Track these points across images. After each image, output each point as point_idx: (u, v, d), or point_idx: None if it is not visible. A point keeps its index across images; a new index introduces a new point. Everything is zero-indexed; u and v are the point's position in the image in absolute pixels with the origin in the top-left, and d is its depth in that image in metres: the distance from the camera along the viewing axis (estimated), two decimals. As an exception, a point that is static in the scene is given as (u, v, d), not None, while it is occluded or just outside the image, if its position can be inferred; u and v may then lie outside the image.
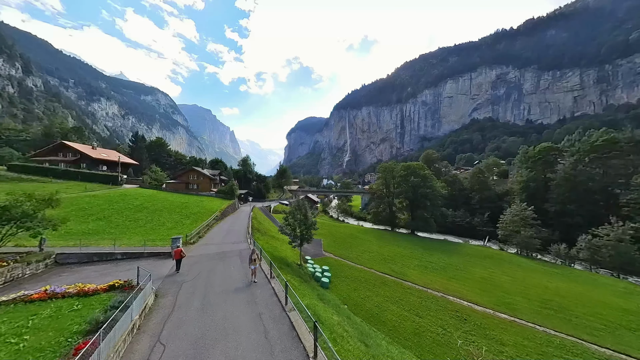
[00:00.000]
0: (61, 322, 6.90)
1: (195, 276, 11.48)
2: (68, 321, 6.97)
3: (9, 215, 10.47)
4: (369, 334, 12.10)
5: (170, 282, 10.77)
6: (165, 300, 9.01)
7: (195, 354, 6.11)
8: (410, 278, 23.73)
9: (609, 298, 21.53)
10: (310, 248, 29.58)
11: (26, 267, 10.48)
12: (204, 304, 8.82)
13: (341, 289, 19.94)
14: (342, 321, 11.16)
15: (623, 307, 19.83)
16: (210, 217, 25.54)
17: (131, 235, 16.61)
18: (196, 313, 8.18)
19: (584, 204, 37.38)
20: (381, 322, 15.60)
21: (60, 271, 11.23)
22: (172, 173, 62.40)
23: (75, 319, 7.01)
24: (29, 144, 62.81)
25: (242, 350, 6.29)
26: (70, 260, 12.00)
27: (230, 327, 7.38)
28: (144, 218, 21.11)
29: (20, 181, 27.00)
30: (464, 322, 16.55)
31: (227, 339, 6.74)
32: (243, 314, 8.17)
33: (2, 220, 10.44)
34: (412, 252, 33.15)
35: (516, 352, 13.57)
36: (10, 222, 10.66)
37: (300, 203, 20.48)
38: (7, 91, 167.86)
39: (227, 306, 8.75)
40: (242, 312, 8.33)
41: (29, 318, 7.03)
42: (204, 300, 9.13)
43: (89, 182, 32.38)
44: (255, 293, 9.90)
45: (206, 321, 7.66)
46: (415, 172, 47.86)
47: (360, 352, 8.57)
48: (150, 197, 29.75)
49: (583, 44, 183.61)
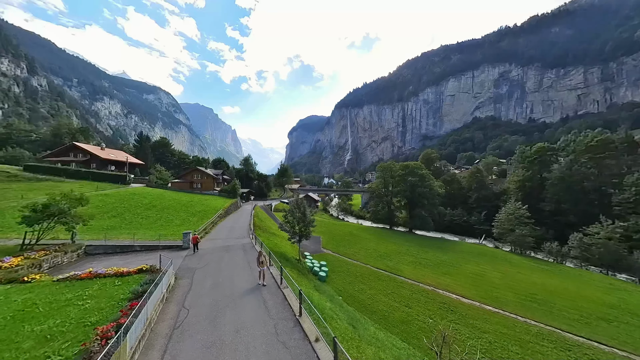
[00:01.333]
0: (109, 293, 9.03)
1: (206, 264, 13.37)
2: (114, 292, 9.06)
3: (49, 211, 12.37)
4: (358, 319, 13.43)
5: (185, 268, 12.62)
6: (184, 281, 11.00)
7: (212, 315, 8.05)
8: (403, 273, 24.99)
9: (592, 293, 22.61)
10: (310, 245, 30.95)
11: (64, 256, 12.56)
12: (214, 283, 10.83)
13: (337, 282, 21.30)
14: (334, 307, 12.51)
15: (604, 300, 20.92)
16: (215, 215, 26.99)
17: (144, 231, 18.20)
18: (209, 289, 10.19)
19: (578, 204, 38.20)
20: (372, 311, 16.93)
21: (91, 260, 13.12)
22: (176, 172, 64.15)
23: (119, 291, 9.10)
24: (38, 144, 64.92)
25: (247, 312, 8.22)
26: (97, 251, 13.89)
27: (237, 298, 9.37)
28: (154, 215, 22.63)
29: (36, 181, 28.68)
30: (450, 312, 17.81)
31: (235, 306, 8.74)
32: (246, 290, 10.10)
33: (44, 216, 12.29)
34: (407, 249, 34.37)
35: (495, 338, 14.82)
36: (50, 218, 12.58)
37: (299, 202, 21.79)
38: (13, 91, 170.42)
39: (234, 285, 10.71)
40: (246, 289, 10.29)
41: (84, 290, 9.20)
42: (214, 281, 11.11)
43: (99, 181, 34.04)
44: (256, 275, 11.45)
45: (217, 294, 9.62)
46: (413, 171, 48.89)
47: (347, 332, 9.88)
48: (157, 196, 31.31)
49: (587, 42, 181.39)
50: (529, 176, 45.43)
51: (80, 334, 6.50)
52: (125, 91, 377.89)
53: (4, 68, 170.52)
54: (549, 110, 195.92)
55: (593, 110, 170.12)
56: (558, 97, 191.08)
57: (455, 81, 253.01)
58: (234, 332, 7.05)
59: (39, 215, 12.25)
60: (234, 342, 6.61)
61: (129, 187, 35.01)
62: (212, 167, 73.45)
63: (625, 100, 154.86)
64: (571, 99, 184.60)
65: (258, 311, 8.26)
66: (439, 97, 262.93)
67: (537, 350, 13.96)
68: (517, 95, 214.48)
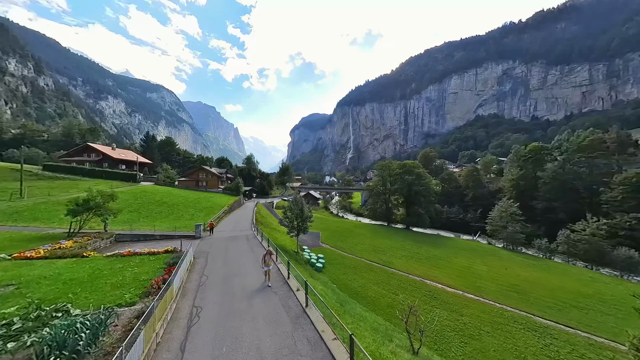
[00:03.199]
0: (148, 264, 12.10)
1: (217, 249, 16.31)
2: (151, 264, 12.15)
3: (88, 205, 15.24)
4: (347, 302, 15.35)
5: (200, 251, 15.60)
6: (200, 260, 14.03)
7: (225, 280, 11.24)
8: (395, 266, 26.83)
9: (572, 284, 24.19)
10: (309, 240, 32.93)
11: (101, 241, 15.68)
12: (224, 262, 13.88)
13: (332, 272, 23.24)
14: (325, 289, 14.43)
15: (581, 291, 22.52)
16: (220, 211, 29.08)
17: (160, 224, 20.49)
18: (221, 265, 13.36)
19: (568, 202, 39.43)
20: (362, 297, 18.84)
21: (121, 245, 16.05)
22: (181, 171, 66.58)
23: (154, 263, 12.23)
24: (51, 144, 67.83)
25: (249, 280, 11.09)
26: (125, 239, 16.78)
27: (242, 270, 12.50)
28: (166, 211, 24.80)
29: (55, 179, 31.06)
30: (434, 299, 19.64)
31: (240, 275, 11.95)
32: (249, 267, 13.04)
33: (85, 209, 15.13)
34: (402, 245, 36.13)
35: (470, 320, 16.62)
36: (89, 210, 15.55)
37: (297, 199, 23.66)
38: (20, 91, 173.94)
39: (239, 263, 13.72)
40: (249, 266, 13.18)
41: (129, 262, 12.29)
42: (224, 260, 14.16)
43: (111, 180, 36.37)
44: (258, 258, 13.88)
45: (227, 269, 12.72)
46: (410, 170, 50.40)
47: (334, 306, 11.79)
48: (166, 193, 33.53)
49: (594, 37, 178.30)
50: (522, 175, 46.63)
51: (137, 285, 9.54)
52: (129, 90, 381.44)
53: (12, 68, 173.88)
54: (553, 107, 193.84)
55: (598, 108, 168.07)
56: (562, 94, 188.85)
57: (458, 78, 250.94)
58: (241, 288, 10.14)
59: (81, 209, 15.07)
60: (241, 292, 9.73)
61: (139, 185, 37.29)
62: (217, 166, 75.81)
63: (631, 97, 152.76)
64: (576, 96, 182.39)
65: (257, 277, 11.29)
66: (442, 94, 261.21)
67: (506, 330, 15.74)
68: (520, 93, 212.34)
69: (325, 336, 6.60)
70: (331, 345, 6.23)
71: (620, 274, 28.24)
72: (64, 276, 10.12)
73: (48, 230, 16.61)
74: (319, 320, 7.41)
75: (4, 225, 17.08)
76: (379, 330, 11.73)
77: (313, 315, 7.69)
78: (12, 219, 17.88)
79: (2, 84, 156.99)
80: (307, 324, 7.30)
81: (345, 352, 5.86)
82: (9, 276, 9.64)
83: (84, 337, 5.30)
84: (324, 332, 6.77)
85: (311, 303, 8.34)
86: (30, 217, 18.34)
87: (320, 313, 7.83)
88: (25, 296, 7.68)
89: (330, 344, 6.25)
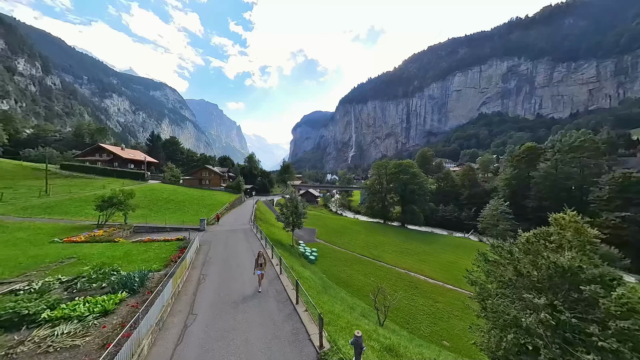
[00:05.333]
0: (165, 248, 14.81)
1: (218, 239, 19.09)
2: (167, 248, 14.89)
3: (112, 202, 18.35)
4: (333, 287, 17.39)
5: (204, 241, 18.28)
6: (205, 246, 16.84)
7: (224, 260, 14.06)
8: (384, 259, 28.74)
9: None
10: (305, 235, 34.99)
11: (123, 232, 18.85)
12: (224, 247, 16.82)
13: (323, 264, 25.27)
14: (313, 276, 16.47)
15: (556, 284, 24.10)
16: (222, 208, 31.34)
17: (168, 218, 22.86)
18: (221, 250, 16.19)
19: (558, 201, 40.48)
20: (349, 285, 20.86)
21: (139, 235, 19.08)
22: (185, 169, 69.31)
23: (169, 247, 14.92)
24: (63, 144, 71.18)
25: (243, 260, 13.72)
26: (141, 230, 19.98)
27: (239, 254, 15.36)
28: (173, 207, 27.19)
29: (72, 178, 33.74)
30: (414, 288, 21.53)
31: (236, 256, 14.77)
32: (244, 251, 15.97)
33: (109, 205, 18.35)
34: (394, 241, 37.97)
35: (444, 306, 18.50)
36: (112, 206, 18.71)
37: (293, 197, 25.66)
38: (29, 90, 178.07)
39: (236, 249, 16.44)
40: (243, 251, 15.99)
41: (150, 246, 15.20)
42: (224, 246, 17.12)
43: (122, 178, 38.98)
44: (252, 246, 16.78)
45: (226, 253, 15.62)
46: (406, 169, 51.94)
47: (317, 287, 13.81)
48: (172, 191, 35.96)
49: (602, 33, 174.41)
50: (516, 174, 47.73)
51: (160, 260, 12.54)
52: (133, 88, 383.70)
53: (21, 68, 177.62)
54: (558, 105, 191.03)
55: (605, 106, 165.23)
56: (568, 92, 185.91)
57: (462, 76, 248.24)
58: (236, 266, 12.98)
59: (106, 204, 18.28)
60: (236, 267, 12.76)
61: (147, 184, 39.84)
62: (219, 165, 78.35)
63: (639, 95, 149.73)
64: (582, 94, 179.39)
65: (250, 259, 13.86)
66: (445, 92, 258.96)
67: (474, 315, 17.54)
68: (525, 90, 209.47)
69: (288, 289, 9.90)
70: (286, 282, 10.33)
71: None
72: (106, 254, 13.17)
73: (79, 222, 19.85)
74: (285, 279, 10.99)
75: (43, 217, 20.37)
76: (355, 309, 13.72)
77: (283, 278, 11.12)
78: (47, 212, 20.82)
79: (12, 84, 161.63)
80: (278, 281, 10.74)
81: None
82: (69, 252, 13.18)
83: (136, 281, 8.69)
84: (287, 286, 10.18)
85: (284, 270, 11.43)
86: (60, 211, 21.11)
87: (290, 281, 10.53)
88: (85, 264, 10.47)
89: (285, 281, 10.34)
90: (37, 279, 8.85)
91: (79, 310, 6.73)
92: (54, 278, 8.94)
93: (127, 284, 8.42)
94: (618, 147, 40.11)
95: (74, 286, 8.48)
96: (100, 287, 8.60)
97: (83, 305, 7.00)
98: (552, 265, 6.15)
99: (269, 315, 7.85)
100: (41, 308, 6.57)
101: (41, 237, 15.88)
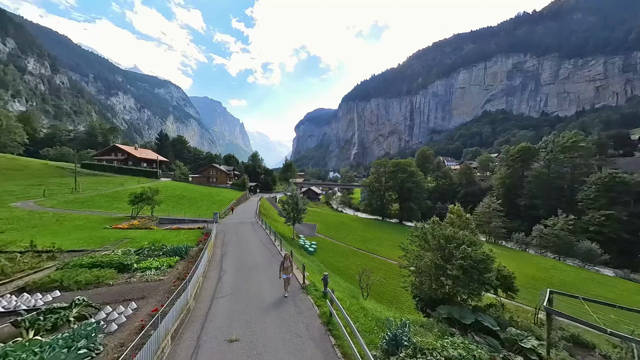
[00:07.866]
0: (191, 234, 18.83)
1: (230, 229, 22.69)
2: (193, 233, 18.94)
3: (141, 197, 21.60)
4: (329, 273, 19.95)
5: (219, 230, 21.49)
6: (220, 235, 20.29)
7: (237, 243, 17.90)
8: (378, 252, 31.21)
9: (531, 270, 27.87)
10: (306, 230, 37.61)
11: (151, 223, 22.19)
12: (236, 235, 20.51)
13: (322, 255, 27.89)
14: (310, 263, 19.06)
15: (535, 275, 26.24)
16: (230, 203, 34.18)
17: (185, 212, 25.86)
18: (234, 237, 19.75)
19: (548, 199, 42.30)
20: (343, 273, 23.43)
21: (163, 225, 22.50)
22: (192, 167, 72.50)
23: (195, 233, 18.82)
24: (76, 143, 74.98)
25: (252, 245, 17.48)
26: (165, 222, 23.33)
27: (249, 240, 19.05)
28: (187, 203, 30.17)
29: (93, 176, 36.91)
30: (402, 277, 23.94)
31: (247, 242, 18.51)
32: (253, 238, 19.62)
33: (139, 200, 21.45)
34: (389, 236, 40.33)
35: (426, 292, 20.93)
36: (142, 201, 22.09)
37: (293, 194, 28.21)
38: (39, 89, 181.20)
39: (246, 236, 20.27)
40: (251, 237, 19.87)
41: (178, 233, 19.22)
42: (236, 234, 20.69)
43: (137, 176, 42.12)
44: (259, 235, 19.98)
45: (238, 238, 19.44)
46: (403, 168, 53.97)
47: (314, 272, 16.37)
48: (184, 188, 38.93)
49: (611, 28, 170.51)
50: (510, 174, 49.38)
51: (190, 241, 16.02)
52: (138, 85, 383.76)
53: (31, 67, 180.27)
54: (564, 103, 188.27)
55: (611, 104, 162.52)
56: (574, 89, 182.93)
57: (467, 73, 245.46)
58: (246, 245, 17.31)
59: (138, 199, 21.56)
60: (246, 247, 16.82)
61: (159, 181, 42.91)
62: (224, 163, 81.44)
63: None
64: (589, 91, 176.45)
65: (257, 243, 18.02)
66: (449, 89, 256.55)
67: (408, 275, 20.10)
68: (531, 88, 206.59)
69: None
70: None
71: (583, 264, 31.62)
72: (149, 237, 16.77)
73: (114, 215, 23.18)
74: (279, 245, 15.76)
75: (84, 210, 24.08)
76: (347, 290, 16.28)
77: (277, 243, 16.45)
78: (85, 206, 24.16)
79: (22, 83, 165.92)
80: (279, 256, 14.53)
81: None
82: (122, 235, 17.01)
83: (184, 250, 13.38)
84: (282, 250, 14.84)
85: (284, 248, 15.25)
86: (94, 205, 24.29)
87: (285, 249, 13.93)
88: (138, 242, 14.16)
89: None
90: (115, 249, 13.30)
91: (155, 264, 11.18)
92: (126, 248, 13.33)
93: (177, 251, 12.97)
94: (608, 147, 41.35)
95: (142, 253, 12.79)
96: (158, 255, 12.73)
97: (155, 262, 11.49)
98: (441, 235, 10.37)
99: (273, 275, 11.23)
100: (133, 262, 11.12)
101: (94, 224, 19.49)
